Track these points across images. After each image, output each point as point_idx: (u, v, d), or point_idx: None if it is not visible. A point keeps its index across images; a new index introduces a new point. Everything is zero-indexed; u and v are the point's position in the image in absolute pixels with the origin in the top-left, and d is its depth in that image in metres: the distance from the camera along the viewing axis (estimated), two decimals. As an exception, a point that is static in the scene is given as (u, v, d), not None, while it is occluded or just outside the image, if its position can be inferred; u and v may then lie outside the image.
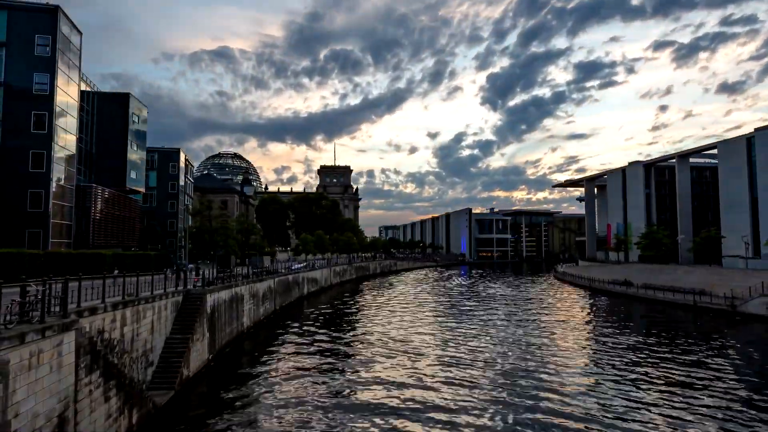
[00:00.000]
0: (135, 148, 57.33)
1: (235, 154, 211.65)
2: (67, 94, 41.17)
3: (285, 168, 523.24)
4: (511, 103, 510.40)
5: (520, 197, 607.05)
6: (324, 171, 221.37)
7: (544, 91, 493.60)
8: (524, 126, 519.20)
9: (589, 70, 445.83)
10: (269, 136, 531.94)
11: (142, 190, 61.40)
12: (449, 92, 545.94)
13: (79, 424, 14.22)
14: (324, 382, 24.84)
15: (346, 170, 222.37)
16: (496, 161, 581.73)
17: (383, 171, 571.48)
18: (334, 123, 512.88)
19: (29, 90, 38.35)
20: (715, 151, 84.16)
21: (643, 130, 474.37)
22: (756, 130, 72.76)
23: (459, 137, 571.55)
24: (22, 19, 38.70)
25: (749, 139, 72.74)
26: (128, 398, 17.51)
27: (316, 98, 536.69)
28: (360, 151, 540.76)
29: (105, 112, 55.31)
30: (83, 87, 50.33)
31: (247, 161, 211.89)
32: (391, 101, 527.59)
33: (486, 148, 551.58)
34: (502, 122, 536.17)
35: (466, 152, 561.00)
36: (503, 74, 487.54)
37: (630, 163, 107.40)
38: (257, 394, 23.08)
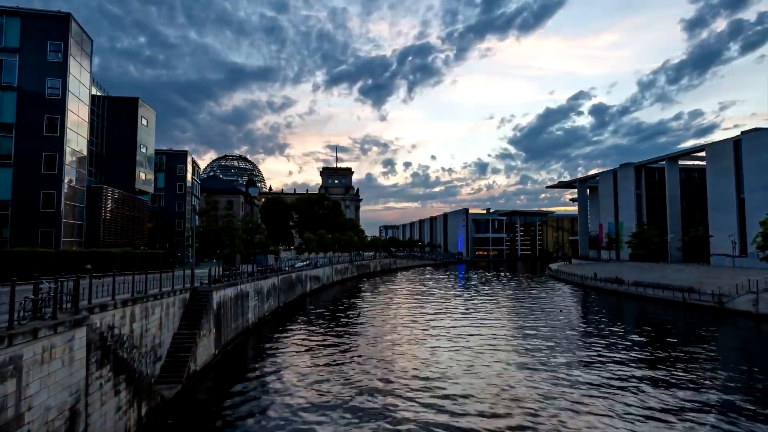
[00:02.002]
0: (144, 151, 57.30)
1: (240, 156, 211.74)
2: (78, 98, 41.15)
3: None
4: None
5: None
6: (326, 172, 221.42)
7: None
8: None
9: None
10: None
11: (151, 190, 61.35)
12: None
13: (90, 416, 14.21)
14: (326, 375, 24.82)
15: (348, 172, 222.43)
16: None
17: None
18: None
19: (42, 94, 38.35)
20: (703, 153, 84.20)
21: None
22: (743, 133, 72.85)
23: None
24: (35, 25, 38.69)
25: (736, 142, 72.77)
26: (137, 392, 17.50)
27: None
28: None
29: (115, 115, 55.29)
30: (94, 91, 50.34)
31: (252, 163, 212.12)
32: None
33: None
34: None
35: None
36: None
37: (621, 165, 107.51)
38: (262, 387, 23.07)
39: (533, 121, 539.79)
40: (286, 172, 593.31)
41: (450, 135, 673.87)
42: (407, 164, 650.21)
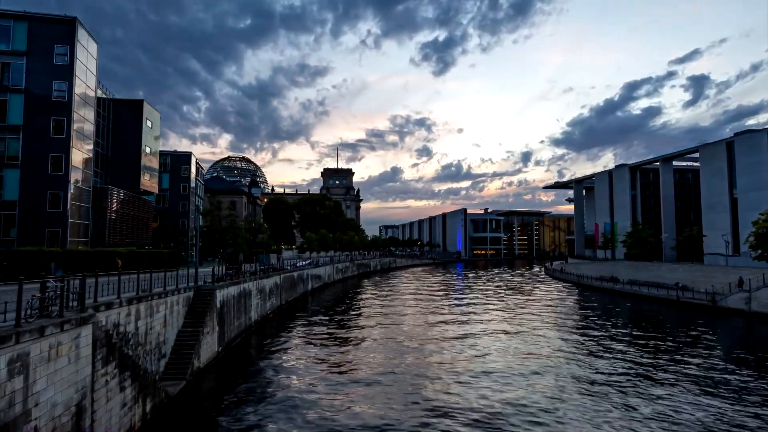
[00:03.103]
0: (148, 152, 57.29)
1: (243, 157, 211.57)
2: (84, 100, 41.16)
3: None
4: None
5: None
6: (327, 173, 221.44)
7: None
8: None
9: None
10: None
11: (155, 191, 61.32)
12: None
13: (95, 412, 14.21)
14: (328, 372, 24.81)
15: (348, 173, 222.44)
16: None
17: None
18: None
19: (49, 97, 38.35)
20: (697, 154, 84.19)
21: None
22: (735, 134, 72.86)
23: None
24: (42, 29, 38.69)
25: (729, 144, 72.77)
26: (142, 388, 17.49)
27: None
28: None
29: (120, 117, 55.28)
30: (99, 94, 50.33)
31: (255, 164, 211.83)
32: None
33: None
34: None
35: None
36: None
37: (616, 166, 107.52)
38: (264, 383, 23.06)
39: (615, 93, 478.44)
40: (307, 162, 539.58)
41: (509, 110, 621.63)
42: (440, 155, 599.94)
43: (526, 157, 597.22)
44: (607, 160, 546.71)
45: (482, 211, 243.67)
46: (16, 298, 11.31)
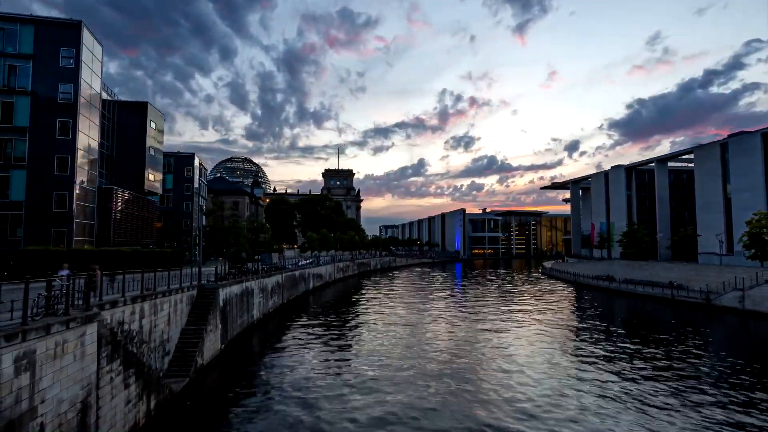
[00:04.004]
0: (152, 153, 57.30)
1: (245, 158, 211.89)
2: (89, 102, 41.17)
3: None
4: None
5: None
6: (329, 174, 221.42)
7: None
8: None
9: None
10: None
11: (159, 191, 61.35)
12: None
13: (100, 409, 14.22)
14: (328, 369, 24.81)
15: (349, 174, 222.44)
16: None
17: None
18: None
19: (54, 99, 38.37)
20: (691, 156, 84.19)
21: None
22: (729, 136, 72.83)
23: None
24: (48, 33, 38.70)
25: (723, 145, 72.77)
26: (146, 385, 17.50)
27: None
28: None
29: (125, 119, 55.30)
30: (104, 96, 50.34)
31: (257, 165, 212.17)
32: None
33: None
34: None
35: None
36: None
37: (612, 167, 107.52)
38: (266, 380, 23.07)
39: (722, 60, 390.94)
40: (327, 151, 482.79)
41: (578, 81, 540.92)
42: (478, 143, 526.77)
43: (572, 147, 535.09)
44: (666, 149, 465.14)
45: (481, 211, 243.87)
46: (23, 297, 11.32)
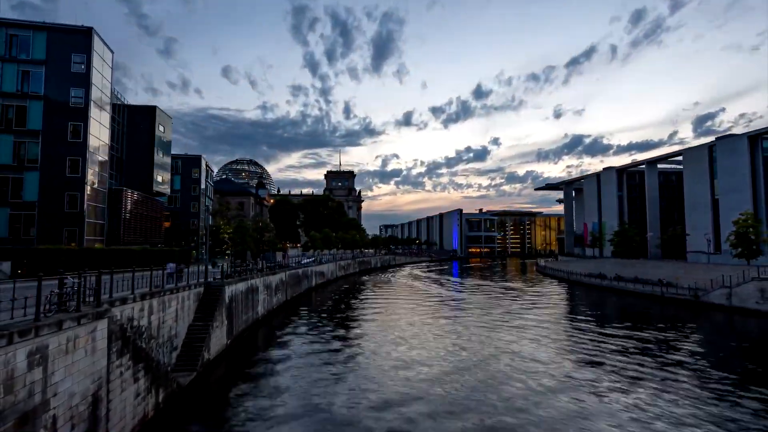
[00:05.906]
0: (161, 155, 57.28)
1: (250, 160, 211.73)
2: (100, 106, 41.16)
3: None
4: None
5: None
6: (330, 176, 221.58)
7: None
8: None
9: None
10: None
11: (168, 192, 61.37)
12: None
13: (111, 402, 14.21)
14: (332, 363, 24.79)
15: (350, 175, 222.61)
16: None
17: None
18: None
19: (66, 103, 38.38)
20: (680, 158, 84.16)
21: None
22: (717, 139, 72.74)
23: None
24: (60, 39, 38.71)
25: (711, 147, 72.76)
26: (155, 379, 17.49)
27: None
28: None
29: (134, 122, 55.31)
30: (115, 100, 50.33)
31: (262, 167, 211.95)
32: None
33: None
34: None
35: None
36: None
37: (604, 169, 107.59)
38: (271, 374, 23.06)
39: None
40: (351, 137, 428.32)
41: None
42: (571, 117, 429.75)
43: (700, 121, 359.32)
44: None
45: (477, 211, 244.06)
46: (36, 294, 11.32)
